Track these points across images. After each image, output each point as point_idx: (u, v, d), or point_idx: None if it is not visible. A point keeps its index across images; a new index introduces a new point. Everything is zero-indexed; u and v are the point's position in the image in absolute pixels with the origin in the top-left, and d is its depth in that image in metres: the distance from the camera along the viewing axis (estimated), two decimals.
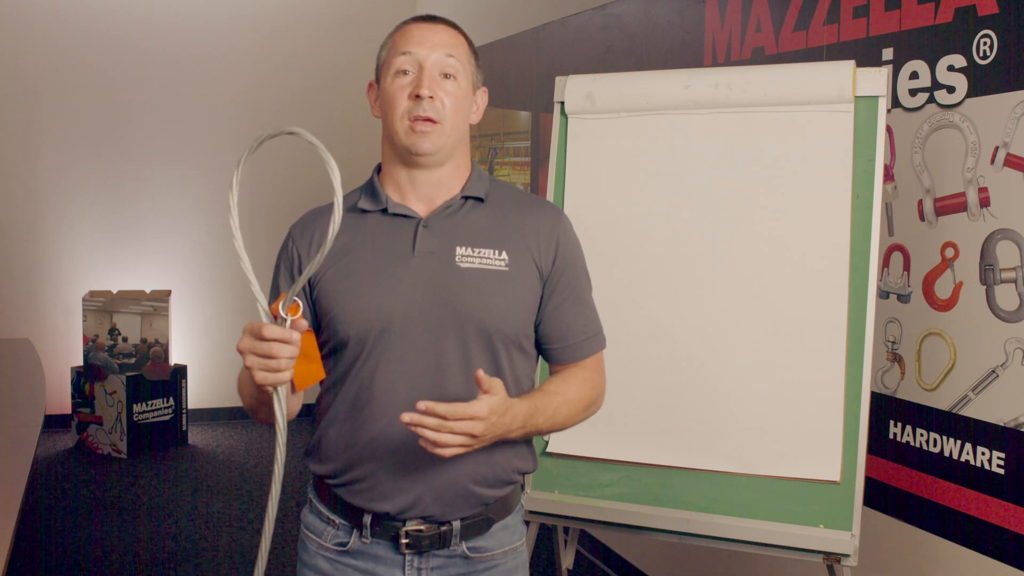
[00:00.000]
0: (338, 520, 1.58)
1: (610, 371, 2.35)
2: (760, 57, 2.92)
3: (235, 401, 6.08)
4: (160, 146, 5.93)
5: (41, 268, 5.80)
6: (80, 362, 5.67)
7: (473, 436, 1.38)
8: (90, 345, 5.43)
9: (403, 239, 1.53)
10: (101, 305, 5.44)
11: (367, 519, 1.54)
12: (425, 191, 1.56)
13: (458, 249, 1.53)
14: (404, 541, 1.53)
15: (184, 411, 5.68)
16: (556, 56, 4.22)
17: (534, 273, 1.56)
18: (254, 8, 6.05)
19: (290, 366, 1.34)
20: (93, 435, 5.44)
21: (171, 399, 5.59)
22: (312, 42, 6.14)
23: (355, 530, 1.56)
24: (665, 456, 2.25)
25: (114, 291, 5.58)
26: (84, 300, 5.47)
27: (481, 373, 1.39)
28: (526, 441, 1.61)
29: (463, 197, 1.57)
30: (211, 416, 6.10)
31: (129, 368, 5.42)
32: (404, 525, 1.53)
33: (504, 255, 1.54)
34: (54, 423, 5.73)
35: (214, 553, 3.98)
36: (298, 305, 1.34)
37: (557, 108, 2.43)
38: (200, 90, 5.97)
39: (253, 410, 1.55)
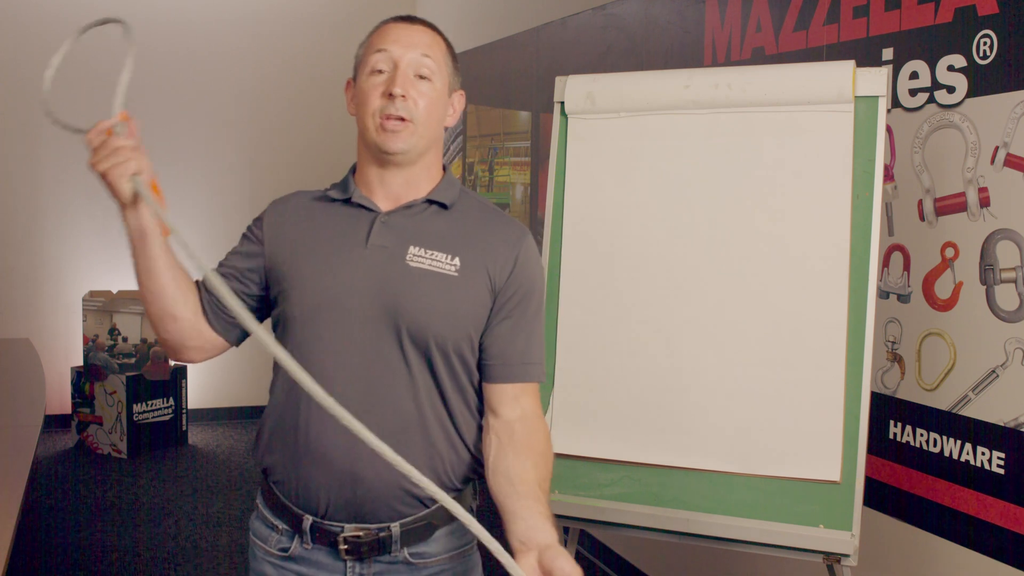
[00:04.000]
0: (281, 525, 1.56)
1: (610, 371, 2.35)
2: (760, 57, 2.92)
3: (235, 401, 6.09)
4: (160, 146, 5.93)
5: (41, 268, 5.80)
6: (80, 362, 5.67)
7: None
8: (90, 345, 5.44)
9: (359, 230, 1.53)
10: (101, 305, 5.44)
11: (307, 524, 1.52)
12: (393, 190, 1.55)
13: (411, 248, 1.51)
14: (343, 547, 1.51)
15: (184, 411, 5.68)
16: (556, 56, 4.22)
17: (486, 284, 1.52)
18: (254, 8, 6.05)
19: (135, 156, 1.39)
20: (93, 435, 5.44)
21: (171, 399, 5.59)
22: (312, 42, 6.14)
23: (297, 535, 1.54)
24: (665, 456, 2.24)
25: (114, 291, 5.58)
26: (84, 300, 5.47)
27: None
28: (469, 449, 1.56)
29: (427, 200, 1.56)
30: (211, 416, 6.10)
31: (129, 368, 5.42)
32: (342, 531, 1.51)
33: (456, 261, 1.51)
34: (54, 423, 5.73)
35: (214, 553, 3.98)
36: (124, 113, 1.43)
37: (557, 108, 2.43)
38: (200, 90, 5.98)
39: (152, 294, 1.54)
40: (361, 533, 1.51)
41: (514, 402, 1.54)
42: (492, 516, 1.51)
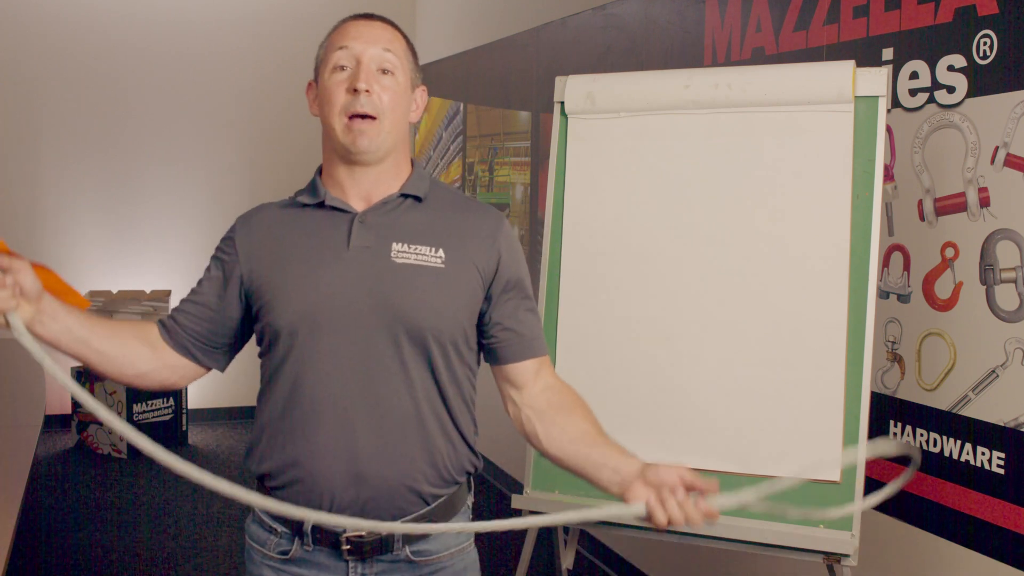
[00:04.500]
0: (280, 528, 1.55)
1: (610, 371, 2.35)
2: (760, 57, 2.92)
3: (235, 401, 6.08)
4: (160, 146, 5.93)
5: None
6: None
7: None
8: None
9: (339, 233, 1.53)
10: (101, 305, 5.44)
11: (307, 525, 1.52)
12: (364, 188, 1.56)
13: (394, 245, 1.52)
14: (346, 547, 1.51)
15: (184, 411, 5.68)
16: (556, 56, 4.22)
17: (474, 275, 1.54)
18: (254, 8, 6.05)
19: (8, 297, 1.34)
20: (93, 435, 5.44)
21: (171, 399, 5.59)
22: (312, 42, 6.10)
23: (297, 537, 1.54)
24: (665, 456, 2.23)
25: (114, 291, 5.58)
26: None
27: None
28: (466, 441, 1.58)
29: (401, 195, 1.56)
30: (211, 416, 6.10)
31: None
32: (344, 531, 1.50)
33: (441, 253, 1.52)
34: (54, 423, 5.73)
35: (214, 553, 3.98)
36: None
37: (557, 108, 2.43)
38: (200, 90, 5.98)
39: (105, 373, 1.55)
40: (364, 532, 1.51)
41: (537, 376, 1.59)
42: (490, 515, 1.52)
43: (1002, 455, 2.19)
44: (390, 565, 1.53)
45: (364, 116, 1.49)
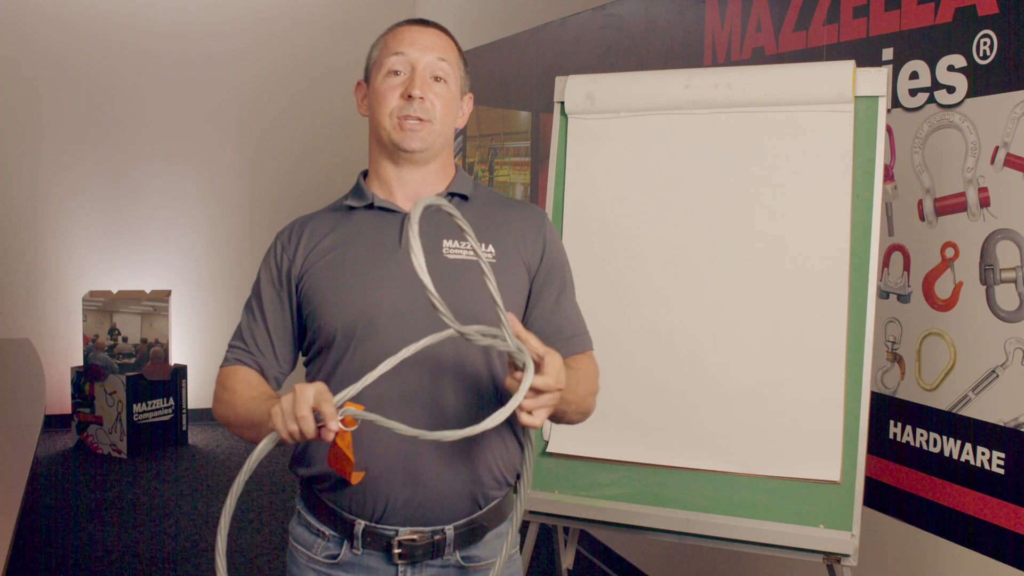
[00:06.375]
0: (328, 532, 1.55)
1: (610, 371, 2.35)
2: (760, 57, 2.92)
3: None
4: (160, 146, 5.93)
5: (41, 268, 5.80)
6: (80, 362, 5.67)
7: (558, 389, 1.32)
8: (90, 345, 5.44)
9: (389, 233, 1.54)
10: (101, 305, 5.44)
11: (359, 529, 1.51)
12: (412, 188, 1.57)
13: (445, 242, 1.53)
14: (397, 551, 1.50)
15: (184, 411, 5.68)
16: (556, 56, 4.22)
17: (522, 269, 1.55)
18: (254, 8, 6.05)
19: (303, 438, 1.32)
20: (93, 435, 5.44)
21: (171, 399, 5.59)
22: (312, 42, 6.14)
23: (346, 541, 1.53)
24: (665, 456, 2.24)
25: (114, 291, 5.58)
26: (84, 300, 5.47)
27: (513, 317, 1.32)
28: (518, 440, 1.59)
29: (449, 194, 1.58)
30: (211, 416, 6.07)
31: (129, 368, 5.42)
32: (397, 534, 1.50)
33: (491, 248, 1.54)
34: (54, 423, 5.73)
35: (214, 553, 3.97)
36: (355, 422, 1.32)
37: (557, 108, 2.43)
38: (200, 90, 5.98)
39: (237, 426, 1.53)
40: (416, 536, 1.50)
41: None
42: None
43: (1002, 455, 2.19)
44: (440, 570, 1.53)
45: (416, 119, 1.51)
